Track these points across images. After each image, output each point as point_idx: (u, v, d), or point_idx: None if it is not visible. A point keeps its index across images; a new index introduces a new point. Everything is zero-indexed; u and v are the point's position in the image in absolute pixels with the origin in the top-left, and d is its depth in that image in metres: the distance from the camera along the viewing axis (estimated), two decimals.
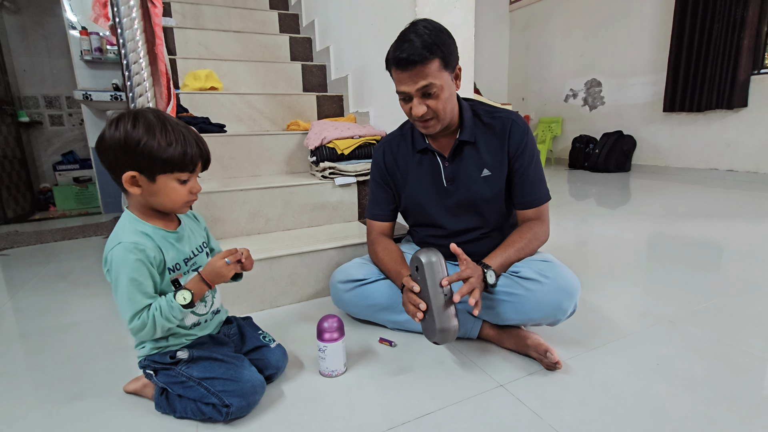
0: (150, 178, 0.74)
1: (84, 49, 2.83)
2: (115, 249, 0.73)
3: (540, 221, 1.06)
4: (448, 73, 0.95)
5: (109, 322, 1.26)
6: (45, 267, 1.84)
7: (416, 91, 0.93)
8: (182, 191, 0.77)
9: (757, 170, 3.30)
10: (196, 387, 0.77)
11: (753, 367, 0.92)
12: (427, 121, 0.98)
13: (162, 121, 0.73)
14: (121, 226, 0.77)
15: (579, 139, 4.46)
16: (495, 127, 1.04)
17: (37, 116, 3.70)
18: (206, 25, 2.57)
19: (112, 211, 3.14)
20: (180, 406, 0.79)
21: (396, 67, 0.93)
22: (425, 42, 0.89)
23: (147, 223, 0.78)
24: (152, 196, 0.76)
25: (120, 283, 0.72)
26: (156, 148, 0.71)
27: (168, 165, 0.73)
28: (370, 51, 1.89)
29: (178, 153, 0.73)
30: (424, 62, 0.89)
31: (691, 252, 1.73)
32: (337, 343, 0.91)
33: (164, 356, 0.80)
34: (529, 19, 5.08)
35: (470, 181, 1.06)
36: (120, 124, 0.71)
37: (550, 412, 0.79)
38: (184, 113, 1.83)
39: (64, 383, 0.95)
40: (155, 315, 0.73)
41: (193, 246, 0.84)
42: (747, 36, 3.18)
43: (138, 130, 0.71)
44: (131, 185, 0.73)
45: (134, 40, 1.13)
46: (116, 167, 0.73)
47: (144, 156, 0.71)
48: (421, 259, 0.88)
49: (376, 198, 1.19)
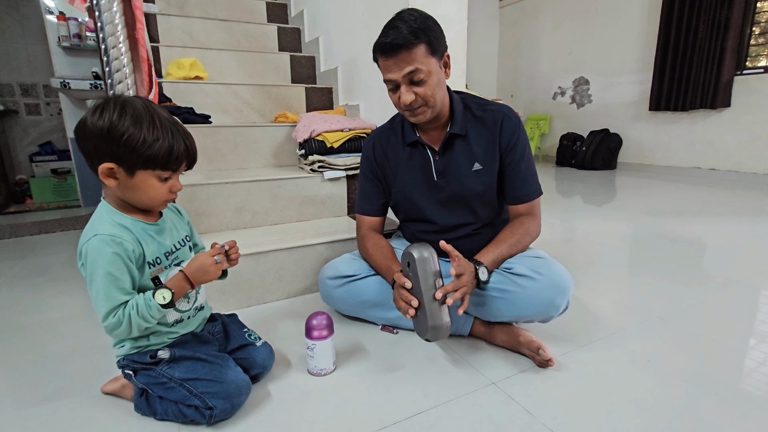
0: (129, 172, 0.69)
1: (62, 35, 2.71)
2: (91, 241, 0.68)
3: (532, 216, 1.04)
4: (436, 59, 0.93)
5: (86, 319, 1.21)
6: (20, 262, 1.76)
7: (403, 77, 0.91)
8: (161, 189, 0.72)
9: (737, 169, 3.38)
10: (178, 388, 0.74)
11: (740, 363, 0.93)
12: (416, 110, 0.96)
13: (151, 113, 0.68)
14: (98, 217, 0.72)
15: (566, 137, 4.50)
16: (486, 120, 1.02)
17: (12, 105, 3.54)
18: (191, 12, 2.49)
19: (91, 203, 3.04)
20: (161, 407, 0.76)
21: (381, 53, 0.92)
22: (411, 27, 0.88)
23: (125, 214, 0.73)
24: (128, 190, 0.71)
25: (95, 278, 0.68)
26: (140, 143, 0.66)
27: (150, 161, 0.68)
28: (360, 43, 1.85)
29: (164, 150, 0.68)
30: (409, 47, 0.88)
31: (676, 249, 1.75)
32: (326, 341, 0.88)
33: (144, 356, 0.76)
34: (519, 16, 5.08)
35: (461, 175, 1.04)
36: (105, 111, 0.66)
37: (542, 410, 0.78)
38: (167, 103, 1.77)
39: (39, 383, 0.90)
40: (131, 313, 0.69)
41: (175, 239, 0.80)
42: (731, 37, 3.24)
43: (124, 121, 0.66)
44: (107, 177, 0.69)
45: (113, 23, 1.08)
46: (94, 156, 0.68)
47: (126, 149, 0.66)
48: (413, 254, 0.86)
49: (366, 193, 1.16)
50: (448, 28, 1.51)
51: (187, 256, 0.83)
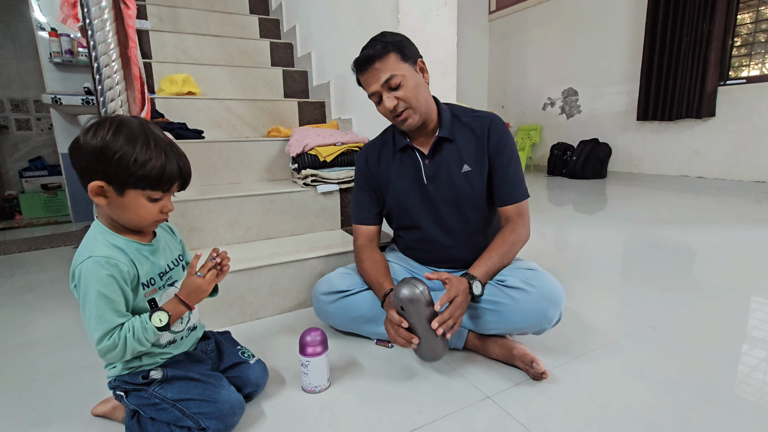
0: (119, 192, 0.68)
1: (53, 51, 2.72)
2: (85, 263, 0.67)
3: (521, 219, 1.05)
4: (409, 64, 0.99)
5: (76, 338, 1.19)
6: (8, 279, 1.73)
7: (381, 86, 0.97)
8: (152, 209, 0.71)
9: (724, 177, 3.44)
10: (170, 409, 0.73)
11: (732, 370, 0.94)
12: (401, 114, 1.00)
13: (146, 133, 0.68)
14: (91, 238, 0.71)
15: (557, 147, 4.56)
16: (474, 126, 1.06)
17: (2, 120, 3.53)
18: (184, 28, 2.51)
19: (82, 219, 3.01)
20: (152, 429, 0.74)
21: (359, 70, 1.00)
22: (380, 42, 0.97)
23: (119, 235, 0.73)
24: (118, 209, 0.70)
25: (89, 300, 0.67)
26: (132, 162, 0.65)
27: (141, 181, 0.67)
28: (351, 57, 1.85)
29: (156, 170, 0.67)
30: (381, 56, 0.96)
31: (666, 257, 1.77)
32: (320, 358, 0.88)
33: (136, 376, 0.75)
34: (509, 29, 5.18)
35: (450, 177, 1.06)
36: (100, 130, 0.66)
37: (537, 424, 0.78)
38: (160, 118, 1.78)
39: (27, 405, 0.88)
40: (127, 336, 0.68)
41: (168, 259, 0.80)
42: (713, 49, 3.33)
43: (117, 140, 0.65)
44: (97, 195, 0.68)
45: (106, 42, 1.09)
46: (85, 174, 0.67)
47: (117, 168, 0.65)
48: (404, 298, 0.86)
49: (360, 203, 1.18)
50: (438, 44, 1.55)
51: (180, 275, 0.82)
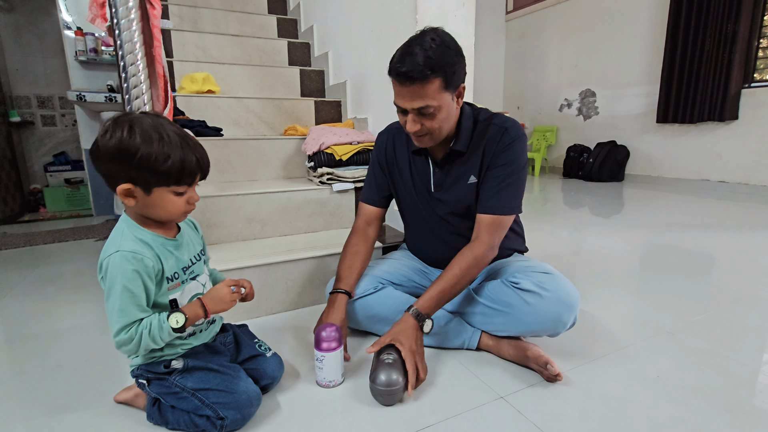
0: (145, 191, 0.70)
1: (79, 49, 2.80)
2: (113, 257, 0.69)
3: (487, 236, 0.98)
4: (449, 93, 0.91)
5: (99, 328, 1.23)
6: (33, 270, 1.79)
7: (412, 109, 0.91)
8: (179, 202, 0.74)
9: (747, 182, 3.35)
10: (190, 398, 0.75)
11: (752, 380, 0.92)
12: (420, 137, 0.97)
13: (159, 130, 0.69)
14: (119, 232, 0.74)
15: (573, 149, 4.50)
16: (488, 133, 1.01)
17: (29, 116, 3.64)
18: (204, 28, 2.56)
19: (103, 213, 3.09)
20: (173, 417, 0.77)
21: (395, 78, 0.90)
22: (428, 59, 0.84)
23: (146, 229, 0.75)
24: (148, 207, 0.73)
25: (113, 293, 0.69)
26: (153, 162, 0.67)
27: (165, 179, 0.70)
28: (369, 58, 1.89)
29: (176, 166, 0.69)
30: (423, 81, 0.86)
31: (685, 262, 1.73)
32: (335, 353, 0.89)
33: (158, 366, 0.77)
34: (526, 29, 5.14)
35: (457, 188, 1.05)
36: (115, 132, 0.67)
37: (551, 425, 0.78)
38: (181, 116, 1.82)
39: (52, 393, 0.92)
40: (143, 332, 0.70)
41: (191, 254, 0.82)
42: (738, 50, 3.25)
43: (133, 141, 0.66)
44: (126, 197, 0.70)
45: (132, 41, 1.12)
46: (110, 177, 0.70)
47: (139, 169, 0.68)
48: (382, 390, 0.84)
49: (371, 181, 1.19)
50: None
51: (201, 270, 0.84)
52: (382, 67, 1.87)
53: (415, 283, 1.17)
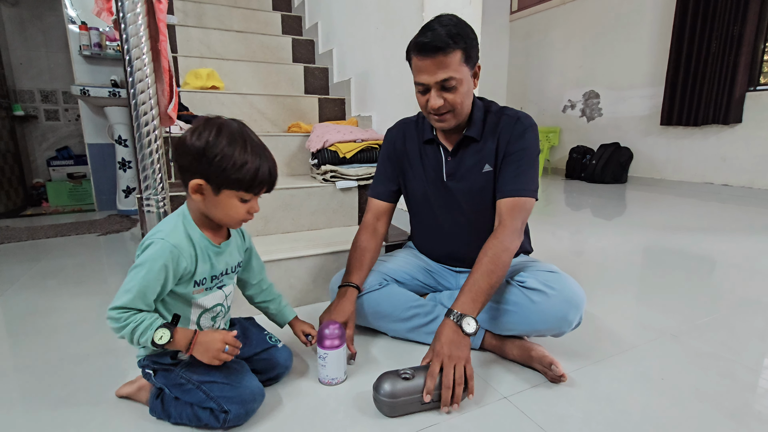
0: (215, 190, 0.73)
1: (83, 44, 2.80)
2: (156, 242, 0.72)
3: (510, 221, 0.96)
4: (469, 68, 0.93)
5: (101, 322, 1.23)
6: (36, 264, 1.79)
7: (435, 83, 0.91)
8: (241, 209, 0.76)
9: (751, 185, 3.34)
10: (195, 390, 0.75)
11: (757, 384, 0.92)
12: (442, 115, 0.96)
13: (244, 137, 0.73)
14: (172, 221, 0.77)
15: (576, 150, 4.49)
16: (500, 123, 1.03)
17: (32, 110, 3.64)
18: (208, 24, 2.55)
19: (106, 208, 3.10)
20: (175, 411, 0.77)
21: (417, 53, 0.90)
22: (450, 31, 0.87)
23: (198, 228, 0.77)
24: (211, 206, 0.75)
25: (135, 272, 0.70)
26: (231, 165, 0.70)
27: (237, 183, 0.72)
28: (374, 55, 1.88)
29: (250, 175, 0.72)
30: (446, 50, 0.88)
31: (689, 265, 1.73)
32: (338, 351, 0.88)
33: (165, 356, 0.78)
34: (530, 30, 5.12)
35: (471, 177, 1.05)
36: (204, 132, 0.71)
37: (555, 426, 0.78)
38: (185, 112, 1.81)
39: (54, 386, 0.91)
40: (131, 325, 0.69)
41: (228, 265, 0.83)
42: (744, 53, 3.23)
43: (219, 143, 0.70)
44: (195, 192, 0.73)
45: (138, 35, 1.11)
46: (187, 171, 0.73)
47: (217, 169, 0.71)
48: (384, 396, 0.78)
49: (381, 175, 1.18)
50: None
51: (230, 282, 0.86)
52: (387, 65, 1.88)
53: (420, 281, 1.16)
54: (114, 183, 2.97)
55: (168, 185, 1.25)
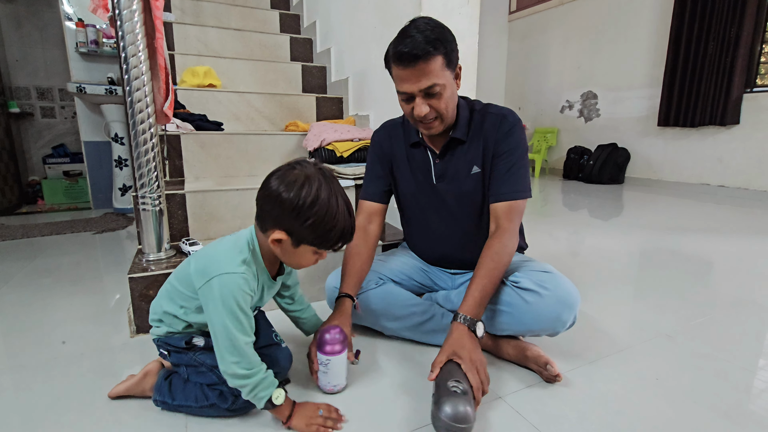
0: (295, 245, 0.73)
1: (80, 41, 2.78)
2: (234, 277, 0.70)
3: (509, 224, 0.96)
4: (450, 71, 0.92)
5: (95, 320, 1.22)
6: (31, 262, 1.78)
7: (419, 91, 0.90)
8: (312, 259, 0.76)
9: (747, 186, 3.36)
10: (208, 373, 0.77)
11: (751, 384, 0.92)
12: (430, 122, 0.95)
13: (336, 197, 0.71)
14: (243, 257, 0.73)
15: (574, 150, 4.50)
16: (486, 123, 1.02)
17: (28, 107, 3.62)
18: (206, 21, 2.55)
19: (102, 206, 3.08)
20: (182, 394, 0.78)
21: (397, 62, 0.88)
22: (428, 37, 0.85)
23: (262, 261, 0.78)
24: (285, 254, 0.75)
25: (224, 312, 0.69)
26: (321, 228, 0.70)
27: (319, 243, 0.73)
28: (372, 54, 1.88)
29: (336, 237, 0.72)
30: (426, 58, 0.86)
31: (684, 266, 1.73)
32: (340, 356, 0.85)
33: (180, 340, 0.79)
34: (528, 30, 5.13)
35: (459, 178, 1.04)
36: (299, 187, 0.69)
37: (549, 426, 0.78)
38: (181, 110, 1.81)
39: (48, 384, 0.91)
40: (251, 385, 0.71)
41: (271, 295, 0.85)
42: (741, 55, 3.25)
43: (312, 201, 0.68)
44: (274, 243, 0.73)
45: (134, 32, 1.11)
46: (269, 220, 0.72)
47: (304, 231, 0.70)
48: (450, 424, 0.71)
49: (371, 176, 1.16)
50: (460, 42, 1.53)
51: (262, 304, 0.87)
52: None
53: (416, 281, 1.16)
54: (110, 181, 2.96)
55: (164, 183, 1.25)
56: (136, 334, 1.13)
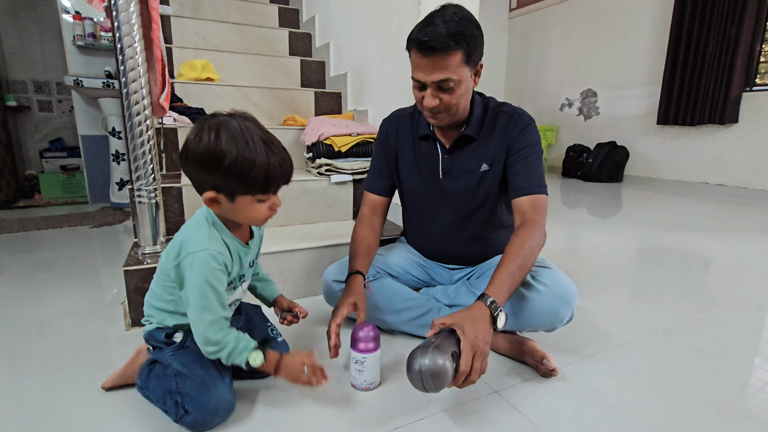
0: (229, 199, 0.71)
1: (77, 34, 2.76)
2: (201, 254, 0.69)
3: (538, 217, 0.93)
4: (469, 68, 0.89)
5: (90, 314, 1.22)
6: (27, 255, 1.77)
7: (432, 82, 0.88)
8: (262, 209, 0.73)
9: (746, 185, 3.36)
10: (171, 378, 0.74)
11: (747, 380, 0.92)
12: (437, 114, 0.94)
13: (245, 136, 0.66)
14: (206, 232, 0.73)
15: (573, 148, 4.49)
16: (499, 121, 1.01)
17: (25, 101, 3.60)
18: (204, 15, 2.53)
19: (99, 200, 3.07)
20: (153, 385, 0.77)
21: (417, 49, 0.86)
22: (451, 30, 0.83)
23: (229, 231, 0.76)
24: (231, 213, 0.73)
25: (197, 290, 0.69)
26: (237, 171, 0.66)
27: (248, 188, 0.69)
28: (370, 49, 1.86)
29: (261, 176, 0.68)
30: (445, 52, 0.83)
31: (682, 263, 1.73)
32: (375, 354, 0.84)
33: (161, 334, 0.78)
34: (528, 27, 5.11)
35: (467, 175, 1.03)
36: (203, 135, 0.66)
37: (545, 421, 0.77)
38: (178, 103, 1.79)
39: (42, 377, 0.90)
40: (230, 344, 0.71)
41: (250, 259, 0.83)
42: (740, 53, 3.24)
43: (219, 147, 0.65)
44: (211, 203, 0.71)
45: (129, 23, 1.10)
46: (197, 183, 0.71)
47: (224, 178, 0.67)
48: (425, 371, 0.69)
49: (375, 170, 1.16)
50: None
51: (249, 276, 0.85)
52: (384, 59, 1.86)
53: (413, 276, 1.16)
54: (107, 175, 2.94)
55: (160, 176, 1.24)
56: (132, 327, 1.13)
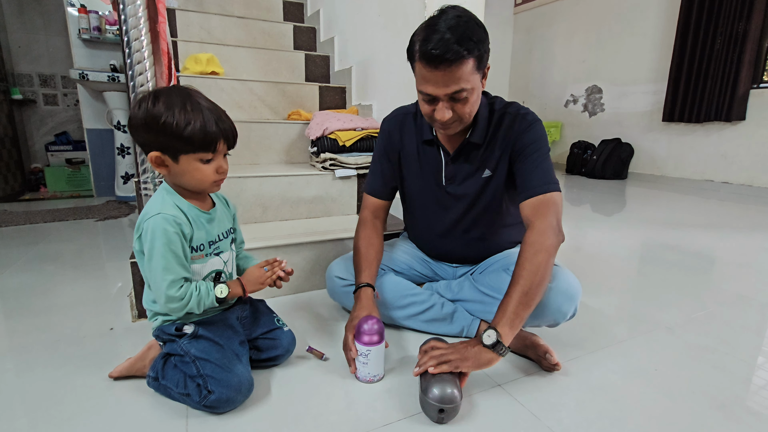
0: (173, 159, 0.74)
1: (82, 27, 2.77)
2: (155, 218, 0.73)
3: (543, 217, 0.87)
4: (480, 74, 0.85)
5: (96, 305, 1.23)
6: (33, 248, 1.79)
7: (445, 95, 0.83)
8: (207, 171, 0.76)
9: (751, 183, 3.33)
10: (190, 364, 0.77)
11: (750, 377, 0.92)
12: (449, 126, 0.90)
13: (183, 99, 0.72)
14: (159, 198, 0.78)
15: (577, 145, 4.47)
16: (503, 125, 0.98)
17: (30, 94, 3.61)
18: (209, 8, 2.52)
19: (104, 194, 3.09)
20: (171, 374, 0.79)
21: (425, 61, 0.80)
22: (460, 37, 0.77)
23: (183, 199, 0.79)
24: (178, 175, 0.76)
25: (155, 252, 0.72)
26: (174, 128, 0.70)
27: (188, 145, 0.72)
28: (375, 43, 1.86)
29: (198, 133, 0.71)
30: (459, 62, 0.78)
31: (686, 261, 1.73)
32: (379, 346, 0.84)
33: (171, 327, 0.80)
34: (533, 23, 5.07)
35: (469, 182, 1.02)
36: (143, 103, 0.72)
37: (548, 414, 0.78)
38: None
39: (49, 367, 0.92)
40: (194, 294, 0.75)
41: (221, 230, 0.85)
42: (748, 50, 3.21)
43: (157, 109, 0.70)
44: (157, 165, 0.75)
45: (136, 16, 1.10)
46: (144, 146, 0.75)
47: (164, 136, 0.71)
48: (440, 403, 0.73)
49: (377, 172, 1.13)
50: None
51: (227, 247, 0.87)
52: (389, 54, 1.86)
53: (417, 271, 1.16)
54: (113, 169, 2.96)
55: None
56: (138, 318, 1.14)
